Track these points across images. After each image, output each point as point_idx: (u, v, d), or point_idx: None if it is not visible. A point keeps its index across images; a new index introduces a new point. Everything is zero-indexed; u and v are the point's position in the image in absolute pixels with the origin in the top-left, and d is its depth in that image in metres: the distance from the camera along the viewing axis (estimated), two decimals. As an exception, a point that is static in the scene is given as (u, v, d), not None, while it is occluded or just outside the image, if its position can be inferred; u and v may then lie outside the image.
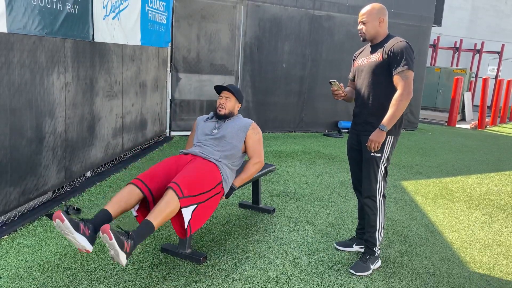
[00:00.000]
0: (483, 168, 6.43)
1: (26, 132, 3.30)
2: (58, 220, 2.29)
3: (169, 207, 2.55)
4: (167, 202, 2.55)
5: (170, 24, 6.63)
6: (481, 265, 3.20)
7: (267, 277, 2.81)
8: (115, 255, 2.29)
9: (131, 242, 2.34)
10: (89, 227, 2.41)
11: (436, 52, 17.28)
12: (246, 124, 3.30)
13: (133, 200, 2.69)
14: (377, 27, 2.91)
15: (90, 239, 2.39)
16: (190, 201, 2.67)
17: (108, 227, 2.24)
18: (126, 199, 2.66)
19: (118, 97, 4.92)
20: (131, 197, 2.68)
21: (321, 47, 8.30)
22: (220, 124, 3.29)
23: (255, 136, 3.29)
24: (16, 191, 3.26)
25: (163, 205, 2.54)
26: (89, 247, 2.37)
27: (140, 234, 2.43)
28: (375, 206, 2.97)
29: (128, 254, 2.32)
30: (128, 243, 2.31)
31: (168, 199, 2.56)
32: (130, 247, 2.32)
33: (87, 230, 2.38)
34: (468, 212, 4.37)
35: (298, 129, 8.47)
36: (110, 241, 2.23)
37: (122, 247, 2.27)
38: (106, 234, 2.23)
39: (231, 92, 3.32)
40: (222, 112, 3.29)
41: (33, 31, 3.26)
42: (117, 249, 2.25)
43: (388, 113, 2.79)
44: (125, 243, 2.30)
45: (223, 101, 3.30)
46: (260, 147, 3.33)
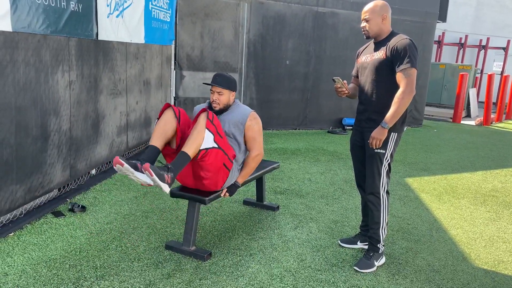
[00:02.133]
0: (488, 165, 6.40)
1: (31, 130, 3.32)
2: (118, 165, 2.55)
3: (200, 135, 2.76)
4: (199, 132, 2.76)
5: (173, 22, 6.63)
6: (486, 262, 3.20)
7: (271, 274, 2.82)
8: (159, 187, 2.62)
9: (171, 174, 2.65)
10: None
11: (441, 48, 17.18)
12: (244, 116, 3.16)
13: (170, 126, 2.89)
14: (380, 24, 2.90)
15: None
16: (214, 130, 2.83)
17: (148, 166, 2.54)
18: (164, 129, 2.88)
19: (122, 95, 4.93)
20: (167, 124, 2.88)
21: (325, 44, 8.28)
22: (218, 117, 3.13)
23: (254, 127, 3.18)
24: (22, 189, 3.28)
25: (195, 135, 2.75)
26: (149, 181, 2.64)
27: (177, 165, 2.71)
28: (379, 203, 2.97)
29: (170, 184, 2.65)
30: (168, 175, 2.63)
31: (200, 128, 2.76)
32: (170, 178, 2.65)
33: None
34: (473, 209, 4.36)
35: (302, 126, 8.46)
36: (152, 177, 2.55)
37: (163, 180, 2.60)
38: (147, 171, 2.54)
39: (222, 87, 3.10)
40: (217, 108, 3.14)
41: (37, 29, 3.27)
42: (159, 183, 2.58)
43: (390, 111, 2.79)
44: (166, 176, 2.62)
45: (216, 97, 3.11)
46: (260, 138, 3.22)
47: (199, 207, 3.07)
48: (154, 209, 3.83)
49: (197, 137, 2.75)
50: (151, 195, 4.16)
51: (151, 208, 3.86)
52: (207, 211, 3.84)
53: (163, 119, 2.90)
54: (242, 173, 3.21)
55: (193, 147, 2.74)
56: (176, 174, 2.69)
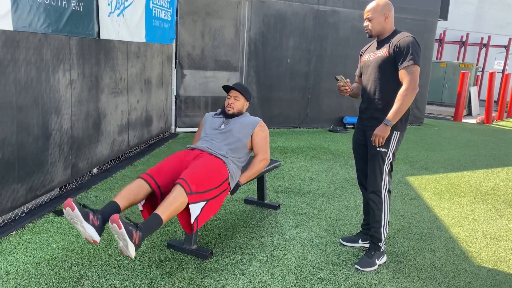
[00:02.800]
0: (489, 163, 6.39)
1: (32, 129, 3.32)
2: (68, 208, 2.30)
3: (176, 201, 2.56)
4: (175, 197, 2.56)
5: (174, 21, 6.63)
6: (488, 260, 3.19)
7: (272, 273, 2.82)
8: (123, 246, 2.29)
9: (140, 233, 2.34)
10: (98, 217, 2.42)
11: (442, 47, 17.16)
12: (254, 122, 3.32)
13: (141, 194, 2.70)
14: (383, 23, 2.89)
15: (99, 230, 2.40)
16: (198, 198, 2.68)
17: (118, 217, 2.24)
18: (134, 193, 2.67)
19: (123, 94, 4.93)
20: (140, 191, 2.69)
21: (326, 43, 8.27)
22: (228, 120, 3.32)
23: (262, 134, 3.32)
24: (24, 188, 3.28)
25: (171, 200, 2.55)
26: (97, 237, 2.37)
27: (148, 227, 2.43)
28: (380, 202, 2.97)
29: (137, 246, 2.31)
30: (137, 233, 2.31)
31: (176, 195, 2.57)
32: (139, 238, 2.32)
33: (96, 220, 2.39)
34: (475, 207, 4.35)
35: (303, 125, 8.45)
36: (120, 230, 2.23)
37: (131, 238, 2.27)
38: (115, 223, 2.23)
39: (240, 92, 3.33)
40: (231, 111, 3.33)
41: (38, 28, 3.27)
42: (127, 239, 2.24)
43: (393, 108, 2.78)
44: (134, 234, 2.29)
45: (232, 101, 3.33)
46: (266, 145, 3.34)
47: (201, 205, 3.07)
48: (155, 208, 3.83)
49: (173, 202, 2.54)
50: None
51: (153, 207, 3.86)
52: (208, 209, 3.84)
53: (136, 185, 2.70)
54: (246, 173, 3.22)
55: (167, 212, 2.51)
56: (145, 236, 2.38)
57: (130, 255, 2.30)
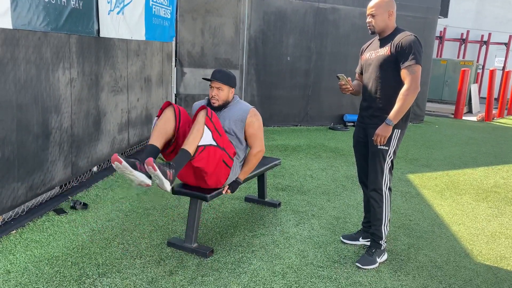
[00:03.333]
0: (490, 161, 6.39)
1: (32, 127, 3.32)
2: (116, 162, 2.52)
3: (199, 132, 2.75)
4: (199, 130, 2.75)
5: (174, 19, 6.61)
6: (489, 258, 3.19)
7: (273, 271, 2.82)
8: (160, 184, 2.60)
9: (173, 170, 2.63)
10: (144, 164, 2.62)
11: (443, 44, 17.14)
12: (244, 113, 3.13)
13: (169, 126, 2.87)
14: (386, 20, 2.88)
15: (148, 175, 2.65)
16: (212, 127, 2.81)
17: (152, 160, 2.52)
18: (163, 128, 2.85)
19: (123, 92, 4.92)
20: (166, 123, 2.86)
21: (326, 40, 8.25)
22: (218, 114, 3.13)
23: (255, 124, 3.15)
24: (24, 187, 3.28)
25: (195, 133, 2.74)
26: (148, 181, 2.65)
27: (179, 162, 2.70)
28: (381, 199, 2.96)
29: (171, 181, 2.63)
30: (170, 171, 2.61)
31: (199, 127, 2.75)
32: (172, 175, 2.62)
33: (143, 167, 2.63)
34: (475, 205, 4.35)
35: (303, 123, 8.44)
36: (155, 172, 2.53)
37: (166, 176, 2.58)
38: (150, 166, 2.52)
39: (221, 82, 3.07)
40: (216, 104, 3.12)
41: (38, 27, 3.26)
42: (162, 178, 2.56)
43: (394, 107, 2.77)
44: (168, 172, 2.59)
45: (215, 93, 3.09)
46: (260, 135, 3.20)
47: (201, 204, 3.07)
48: (155, 206, 3.83)
49: (197, 135, 2.75)
50: (153, 192, 4.16)
51: (153, 205, 3.86)
52: (208, 208, 3.84)
53: (163, 118, 2.88)
54: (243, 169, 3.20)
55: (194, 144, 2.74)
56: (178, 171, 2.68)
57: (166, 190, 2.63)
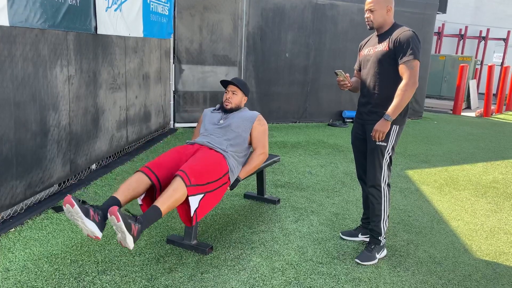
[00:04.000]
0: (488, 156, 6.39)
1: (30, 125, 3.31)
2: (68, 205, 2.29)
3: (176, 194, 2.56)
4: (175, 189, 2.57)
5: (172, 15, 6.59)
6: (488, 253, 3.20)
7: (272, 267, 2.82)
8: (122, 239, 2.30)
9: (139, 225, 2.35)
10: (99, 213, 2.41)
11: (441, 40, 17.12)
12: (253, 116, 3.33)
13: (141, 188, 2.69)
14: (384, 16, 2.87)
15: (100, 225, 2.39)
16: (198, 190, 2.69)
17: (116, 209, 2.25)
18: (134, 187, 2.66)
19: (121, 90, 4.91)
20: (139, 185, 2.69)
21: (325, 36, 8.24)
22: (227, 115, 3.32)
23: (261, 128, 3.32)
24: (22, 185, 3.27)
25: (171, 192, 2.55)
26: (98, 233, 2.37)
27: (147, 219, 2.44)
28: (380, 195, 2.96)
29: (135, 238, 2.32)
30: (135, 226, 2.33)
31: (175, 186, 2.58)
32: (137, 231, 2.33)
33: (96, 216, 2.39)
34: (474, 201, 4.35)
35: (302, 120, 8.44)
36: (118, 223, 2.24)
37: (130, 230, 2.28)
38: (113, 215, 2.24)
39: (238, 87, 3.33)
40: (229, 106, 3.32)
41: (35, 24, 3.25)
42: (125, 231, 2.26)
43: (393, 103, 2.77)
44: (133, 226, 2.31)
45: (230, 96, 3.33)
46: (265, 139, 3.35)
47: (200, 201, 3.07)
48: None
49: (173, 194, 2.55)
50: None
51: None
52: (208, 205, 3.84)
53: (135, 178, 2.69)
54: (245, 168, 3.22)
55: (166, 204, 2.52)
56: (144, 228, 2.40)
57: (128, 247, 2.31)
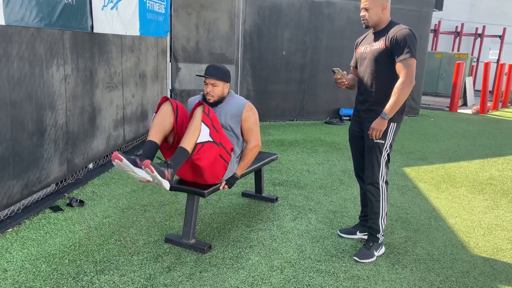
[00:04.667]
0: (485, 153, 6.41)
1: (27, 125, 3.29)
2: (117, 160, 2.56)
3: (197, 130, 2.74)
4: (196, 127, 2.74)
5: (168, 14, 6.57)
6: (485, 250, 3.21)
7: (271, 266, 2.82)
8: (159, 183, 2.62)
9: (171, 170, 2.65)
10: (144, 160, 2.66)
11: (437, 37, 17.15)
12: (240, 107, 3.14)
13: (168, 121, 2.86)
14: (380, 14, 2.86)
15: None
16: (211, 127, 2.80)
17: (149, 162, 2.54)
18: (162, 123, 2.85)
19: (118, 88, 4.89)
20: (165, 118, 2.86)
21: (322, 34, 8.23)
22: (214, 110, 3.12)
23: (251, 118, 3.17)
24: (19, 184, 3.26)
25: (193, 129, 2.74)
26: (149, 177, 2.64)
27: (177, 161, 2.71)
28: (378, 193, 2.97)
29: (170, 181, 2.66)
30: (168, 171, 2.63)
31: (196, 124, 2.74)
32: (170, 174, 2.65)
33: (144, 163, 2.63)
34: (471, 198, 4.37)
35: (300, 117, 8.44)
36: (153, 173, 2.55)
37: (164, 176, 2.60)
38: (147, 168, 2.54)
39: (215, 79, 3.06)
40: (212, 100, 3.11)
41: (31, 23, 3.23)
42: (160, 179, 2.58)
43: (390, 101, 2.77)
44: (166, 172, 2.62)
45: (210, 89, 3.08)
46: (256, 129, 3.21)
47: (198, 200, 3.06)
48: (152, 203, 3.81)
49: (195, 132, 2.75)
50: (149, 188, 4.15)
51: (150, 201, 3.84)
52: (206, 203, 3.83)
53: (161, 114, 2.88)
54: (240, 165, 3.20)
55: (191, 142, 2.74)
56: (176, 170, 2.69)
57: (165, 189, 2.68)
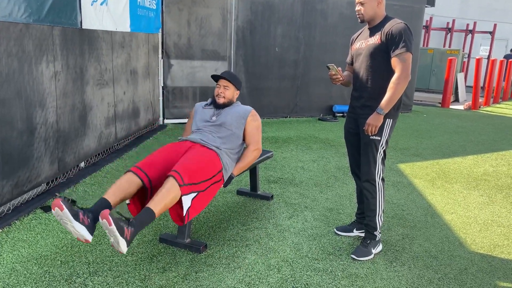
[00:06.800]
0: (478, 149, 6.43)
1: (16, 123, 3.21)
2: (57, 209, 2.24)
3: (170, 195, 2.50)
4: (168, 190, 2.50)
5: (160, 10, 6.48)
6: (482, 246, 3.20)
7: (268, 265, 2.78)
8: (115, 243, 2.24)
9: (132, 228, 2.29)
10: (89, 216, 2.35)
11: (429, 33, 17.20)
12: (246, 111, 3.26)
13: (132, 189, 2.62)
14: (375, 8, 2.83)
15: (90, 229, 2.33)
16: (191, 189, 2.62)
17: (108, 212, 2.19)
18: (125, 188, 2.59)
19: (109, 86, 4.81)
20: (130, 186, 2.61)
21: (315, 30, 8.19)
22: (219, 111, 3.24)
23: (254, 123, 3.27)
24: (9, 184, 3.18)
25: (164, 193, 2.49)
26: (88, 236, 2.31)
27: (140, 221, 2.37)
28: (374, 190, 2.94)
29: (128, 242, 2.26)
30: (128, 229, 2.26)
31: (169, 187, 2.51)
32: (130, 234, 2.27)
33: (86, 219, 2.33)
34: (466, 194, 4.36)
35: (293, 114, 8.40)
36: (110, 227, 2.18)
37: (122, 234, 2.22)
38: (105, 219, 2.17)
39: (229, 81, 3.25)
40: (222, 101, 3.24)
41: (19, 18, 3.14)
42: (117, 236, 2.20)
43: (385, 97, 2.74)
44: (125, 230, 2.25)
45: (222, 91, 3.24)
46: (258, 135, 3.30)
47: (193, 198, 3.01)
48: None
49: (167, 195, 2.48)
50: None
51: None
52: (200, 202, 3.78)
53: (126, 181, 2.61)
54: (238, 165, 3.17)
55: (161, 205, 2.45)
56: (137, 232, 2.33)
57: (121, 251, 2.26)
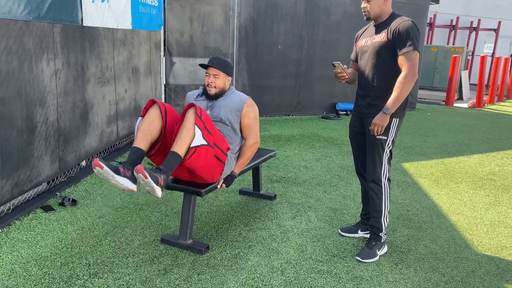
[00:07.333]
0: (484, 148, 6.36)
1: (16, 122, 3.16)
2: (97, 168, 2.41)
3: (189, 133, 2.60)
4: (188, 130, 2.60)
5: (162, 7, 6.42)
6: (489, 248, 3.14)
7: (271, 266, 2.73)
8: (151, 190, 2.48)
9: (164, 176, 2.51)
10: (128, 168, 2.53)
11: (433, 31, 17.09)
12: (241, 102, 3.06)
13: (154, 128, 2.69)
14: (381, 5, 2.77)
15: (132, 180, 2.53)
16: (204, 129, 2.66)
17: (142, 168, 2.40)
18: (150, 129, 2.68)
19: (110, 83, 4.76)
20: (152, 125, 2.69)
21: (318, 28, 8.12)
22: (213, 103, 3.07)
23: (251, 114, 3.08)
24: (9, 184, 3.13)
25: (185, 133, 2.59)
26: (132, 186, 2.51)
27: (169, 166, 2.57)
28: (380, 191, 2.88)
29: (162, 187, 2.51)
30: (161, 177, 2.49)
31: (189, 127, 2.59)
32: (163, 181, 2.51)
33: (127, 171, 2.51)
34: (472, 193, 4.30)
35: (296, 112, 8.34)
36: (146, 180, 2.41)
37: (157, 183, 2.46)
38: (141, 173, 2.40)
39: (218, 69, 3.00)
40: (213, 92, 3.04)
41: (19, 15, 3.09)
42: (153, 186, 2.44)
43: (392, 96, 2.68)
44: (159, 178, 2.48)
45: (212, 80, 3.01)
46: (256, 126, 3.12)
47: (195, 199, 2.96)
48: (147, 201, 3.71)
49: (187, 135, 2.60)
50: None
51: (145, 200, 3.74)
52: (202, 202, 3.73)
53: (148, 118, 2.70)
54: (238, 162, 3.10)
55: (184, 146, 2.59)
56: (169, 176, 2.57)
57: (158, 196, 2.51)
